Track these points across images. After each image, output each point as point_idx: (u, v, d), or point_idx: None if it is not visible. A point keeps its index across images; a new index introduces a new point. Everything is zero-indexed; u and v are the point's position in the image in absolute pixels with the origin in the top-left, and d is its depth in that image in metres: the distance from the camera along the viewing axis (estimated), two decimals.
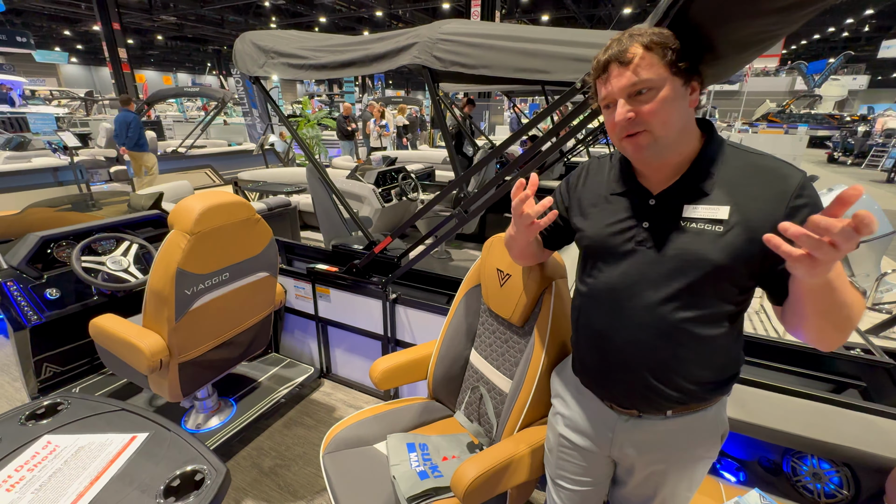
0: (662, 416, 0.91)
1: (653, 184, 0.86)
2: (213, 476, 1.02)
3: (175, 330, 1.56)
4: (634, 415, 0.94)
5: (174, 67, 33.47)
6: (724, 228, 0.78)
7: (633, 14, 16.06)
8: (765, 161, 0.80)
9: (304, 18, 18.99)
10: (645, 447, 0.95)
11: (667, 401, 0.89)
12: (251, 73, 2.16)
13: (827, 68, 19.78)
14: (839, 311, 0.68)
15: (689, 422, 0.91)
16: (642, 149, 0.79)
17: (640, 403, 0.92)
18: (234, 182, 5.02)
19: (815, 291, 0.67)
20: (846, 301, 0.67)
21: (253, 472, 1.89)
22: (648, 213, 0.86)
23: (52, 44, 23.91)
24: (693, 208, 0.81)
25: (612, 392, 0.96)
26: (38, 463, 1.04)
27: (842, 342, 0.74)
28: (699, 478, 1.00)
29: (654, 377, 0.88)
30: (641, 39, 0.75)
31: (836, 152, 14.19)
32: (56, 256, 2.12)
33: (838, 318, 0.69)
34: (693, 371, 0.86)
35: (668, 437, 0.93)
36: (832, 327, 0.71)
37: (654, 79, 0.74)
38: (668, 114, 0.76)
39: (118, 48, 13.57)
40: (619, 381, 0.93)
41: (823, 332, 0.73)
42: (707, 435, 0.93)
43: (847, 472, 1.43)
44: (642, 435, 0.94)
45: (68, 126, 10.00)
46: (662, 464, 0.96)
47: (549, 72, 1.49)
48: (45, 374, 2.12)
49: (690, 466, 0.96)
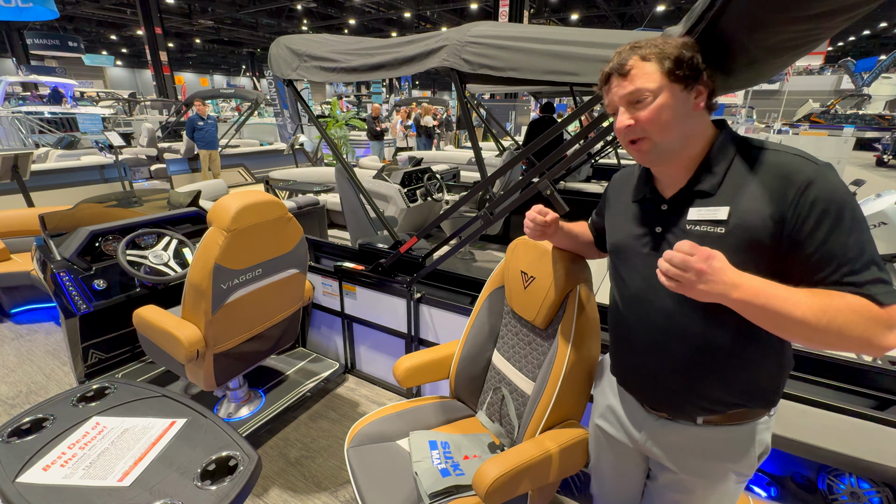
0: (692, 423, 0.91)
1: (666, 188, 0.89)
2: (246, 462, 1.07)
3: (211, 322, 1.63)
4: (665, 417, 0.95)
5: (210, 70, 34.83)
6: (724, 230, 0.78)
7: (667, 12, 15.59)
8: (775, 157, 0.78)
9: (334, 21, 19.40)
10: (673, 450, 0.95)
11: (693, 407, 0.89)
12: (285, 76, 2.24)
13: (878, 66, 18.61)
14: (783, 328, 0.69)
15: (722, 434, 0.90)
16: (645, 154, 0.83)
17: (667, 407, 0.94)
18: (265, 181, 5.19)
19: (737, 307, 0.71)
20: (787, 318, 0.67)
21: (280, 462, 1.96)
22: (661, 218, 0.88)
23: (100, 48, 25.31)
24: (697, 211, 0.82)
25: (642, 393, 0.99)
26: (88, 442, 1.12)
27: (822, 347, 0.73)
28: (731, 495, 0.97)
29: (677, 383, 0.89)
30: (640, 52, 0.79)
31: (885, 155, 13.35)
32: (104, 249, 2.26)
33: (792, 334, 0.71)
34: (713, 381, 0.86)
35: (698, 445, 0.92)
36: (787, 336, 0.73)
37: (650, 87, 0.77)
38: (667, 120, 0.78)
39: (160, 51, 14.25)
40: (645, 384, 0.96)
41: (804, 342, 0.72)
42: (740, 452, 0.90)
43: (888, 492, 1.36)
44: (671, 437, 0.95)
45: (113, 126, 10.57)
46: (692, 474, 0.95)
47: (578, 74, 1.48)
48: (91, 360, 2.26)
49: (721, 481, 0.94)
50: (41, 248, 2.23)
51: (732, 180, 0.80)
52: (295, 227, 1.88)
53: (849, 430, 1.29)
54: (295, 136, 7.96)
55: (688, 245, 0.70)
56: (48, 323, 3.13)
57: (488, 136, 7.87)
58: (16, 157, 3.64)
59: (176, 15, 17.70)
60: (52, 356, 2.74)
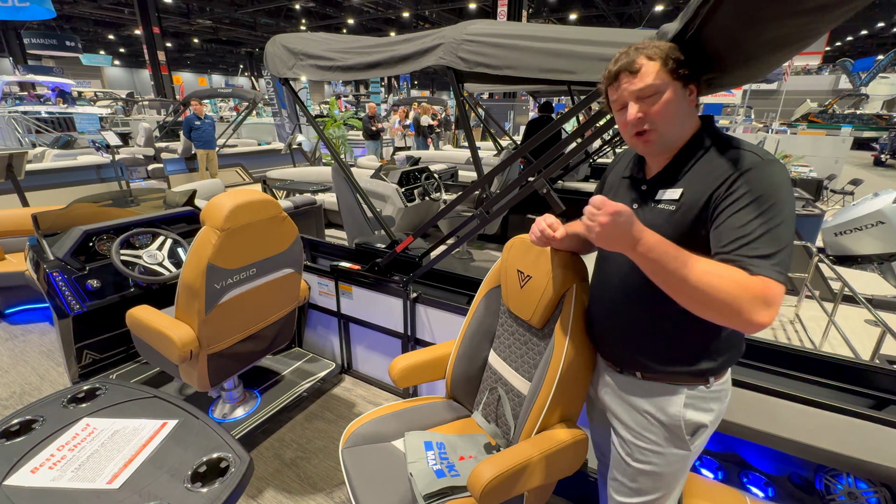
0: (634, 376, 1.05)
1: (652, 170, 0.99)
2: (238, 464, 1.06)
3: (205, 322, 1.62)
4: (615, 369, 1.10)
5: (209, 69, 34.77)
6: (674, 207, 0.90)
7: (665, 11, 15.60)
8: (733, 152, 0.86)
9: (333, 20, 19.37)
10: (619, 395, 1.09)
11: (637, 363, 1.03)
12: (281, 74, 2.22)
13: (875, 66, 18.63)
14: (669, 285, 0.78)
15: (655, 386, 1.01)
16: (650, 144, 0.92)
17: (615, 358, 1.09)
18: (262, 180, 5.17)
19: (638, 261, 0.80)
20: (672, 275, 0.76)
21: (275, 463, 1.94)
22: (639, 196, 1.00)
23: (98, 47, 25.24)
24: (663, 192, 0.94)
25: (599, 345, 1.15)
26: (77, 444, 1.10)
27: (701, 313, 0.79)
28: (673, 466, 1.02)
29: (621, 336, 1.05)
30: (646, 52, 0.87)
31: (883, 154, 13.39)
32: (98, 249, 2.24)
33: (676, 293, 0.79)
34: (657, 344, 0.98)
35: (636, 388, 1.05)
36: (674, 296, 0.80)
37: (658, 84, 0.86)
38: (672, 113, 0.88)
39: (157, 51, 14.22)
40: (601, 335, 1.13)
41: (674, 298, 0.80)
42: (666, 402, 0.99)
43: (886, 493, 1.35)
44: (619, 384, 1.09)
45: (111, 126, 10.53)
46: (630, 417, 1.05)
47: (575, 72, 1.47)
48: (85, 361, 2.24)
49: (657, 439, 1.01)
50: (34, 248, 2.21)
51: (695, 166, 0.90)
52: (290, 226, 1.87)
53: (846, 430, 1.28)
54: (293, 135, 7.93)
55: (598, 199, 0.77)
56: (42, 323, 3.11)
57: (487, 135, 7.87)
58: (10, 156, 3.62)
59: (174, 14, 17.66)
60: (46, 357, 2.72)
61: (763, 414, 1.36)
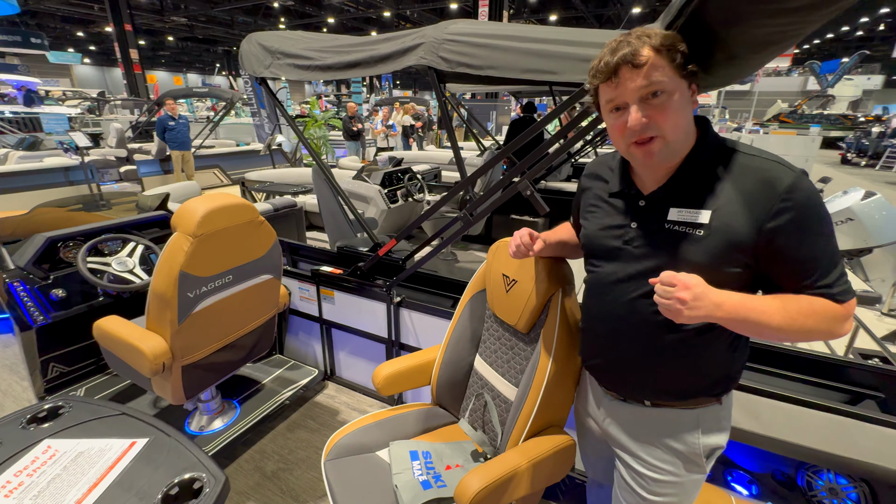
0: (641, 405, 0.97)
1: (646, 184, 0.88)
2: (212, 484, 1.00)
3: (178, 333, 1.55)
4: (618, 398, 1.01)
5: (185, 68, 33.85)
6: (704, 232, 0.79)
7: (643, 13, 15.90)
8: (755, 162, 0.78)
9: (312, 19, 19.10)
10: (625, 425, 1.01)
11: (643, 392, 0.95)
12: (257, 74, 2.15)
13: (841, 68, 19.41)
14: (760, 334, 0.75)
15: (667, 413, 0.94)
16: (653, 155, 0.78)
17: (620, 388, 1.00)
18: (241, 182, 5.04)
19: (721, 323, 0.75)
20: (766, 327, 0.74)
21: (255, 476, 1.87)
22: (638, 214, 0.89)
23: (66, 45, 24.29)
24: (678, 211, 0.82)
25: (600, 375, 1.05)
26: (37, 468, 1.03)
27: (809, 341, 0.80)
28: (685, 489, 0.97)
29: (630, 370, 0.95)
30: (652, 41, 0.73)
31: (849, 153, 13.93)
32: (63, 257, 2.13)
33: (766, 337, 0.76)
34: (664, 372, 0.91)
35: (645, 420, 0.97)
36: (774, 339, 0.81)
37: (666, 81, 0.73)
38: (680, 117, 0.76)
39: (130, 49, 13.76)
40: (603, 367, 1.02)
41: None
42: (682, 431, 0.93)
43: (865, 487, 1.38)
44: (622, 413, 1.01)
45: (80, 126, 10.14)
46: (641, 449, 0.98)
47: (557, 72, 1.45)
48: (52, 374, 2.13)
49: (670, 467, 0.95)
50: None
51: (713, 182, 0.79)
52: (267, 230, 1.81)
53: (825, 427, 1.30)
54: (272, 136, 7.77)
55: (667, 276, 0.74)
56: (6, 335, 2.95)
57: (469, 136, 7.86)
58: None
59: (147, 11, 17.11)
60: (9, 370, 2.58)
61: (746, 413, 1.37)
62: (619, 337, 0.94)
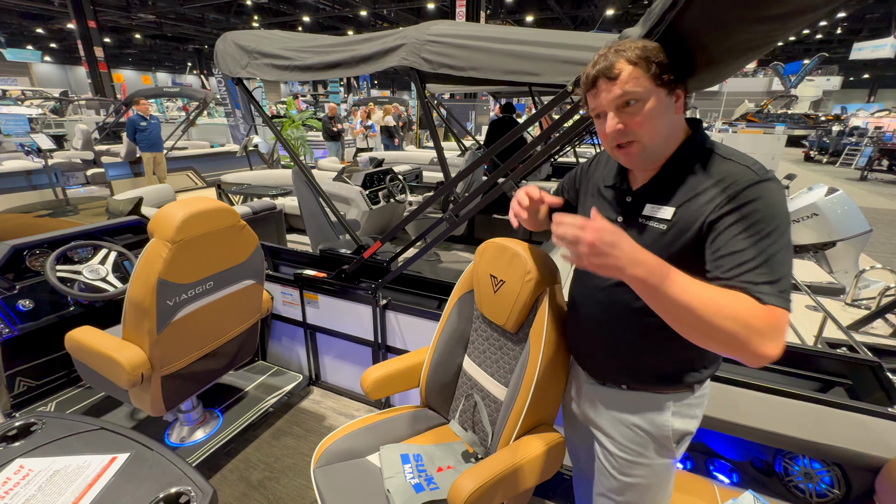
0: (618, 388, 1.02)
1: (637, 181, 0.93)
2: (199, 498, 0.97)
3: (157, 342, 1.50)
4: (598, 381, 1.06)
5: (153, 67, 32.70)
6: (666, 227, 0.84)
7: (616, 15, 16.23)
8: (727, 165, 0.80)
9: (287, 17, 18.72)
10: (601, 405, 1.06)
11: (617, 373, 1.00)
12: (234, 74, 2.10)
13: (802, 69, 20.30)
14: (671, 312, 0.71)
15: (640, 396, 0.99)
16: (633, 157, 0.85)
17: (597, 371, 1.06)
18: (217, 185, 4.90)
19: (633, 285, 0.71)
20: (675, 302, 0.68)
21: (241, 486, 1.83)
22: (623, 208, 0.94)
23: (25, 42, 23.11)
24: (652, 207, 0.88)
25: (580, 358, 1.12)
26: (9, 490, 0.98)
27: (704, 343, 0.72)
28: (657, 473, 1.01)
29: (606, 350, 1.01)
30: (627, 55, 0.79)
31: (812, 151, 14.60)
32: (29, 266, 2.03)
33: (679, 321, 0.71)
34: (643, 358, 0.95)
35: (620, 401, 1.02)
36: (674, 323, 0.73)
37: (640, 91, 0.78)
38: (656, 124, 0.80)
39: (94, 47, 13.21)
40: (582, 349, 1.10)
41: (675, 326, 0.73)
42: (654, 413, 0.97)
43: (837, 471, 1.44)
44: (602, 397, 1.06)
45: (42, 127, 9.66)
46: (615, 430, 1.02)
47: (539, 74, 1.47)
48: (20, 389, 2.02)
49: (643, 449, 0.99)
50: None
51: (687, 183, 0.83)
52: (249, 235, 1.77)
53: (799, 414, 1.36)
54: (248, 136, 7.59)
55: (579, 219, 0.69)
56: None
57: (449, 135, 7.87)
58: None
59: (112, 8, 16.43)
60: None
61: (725, 404, 1.42)
62: (597, 322, 1.01)
